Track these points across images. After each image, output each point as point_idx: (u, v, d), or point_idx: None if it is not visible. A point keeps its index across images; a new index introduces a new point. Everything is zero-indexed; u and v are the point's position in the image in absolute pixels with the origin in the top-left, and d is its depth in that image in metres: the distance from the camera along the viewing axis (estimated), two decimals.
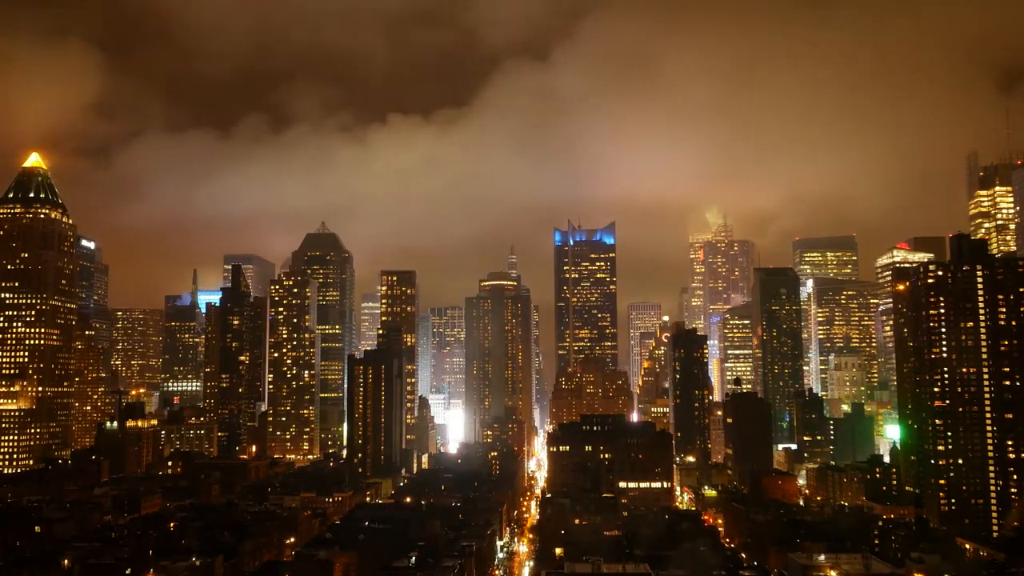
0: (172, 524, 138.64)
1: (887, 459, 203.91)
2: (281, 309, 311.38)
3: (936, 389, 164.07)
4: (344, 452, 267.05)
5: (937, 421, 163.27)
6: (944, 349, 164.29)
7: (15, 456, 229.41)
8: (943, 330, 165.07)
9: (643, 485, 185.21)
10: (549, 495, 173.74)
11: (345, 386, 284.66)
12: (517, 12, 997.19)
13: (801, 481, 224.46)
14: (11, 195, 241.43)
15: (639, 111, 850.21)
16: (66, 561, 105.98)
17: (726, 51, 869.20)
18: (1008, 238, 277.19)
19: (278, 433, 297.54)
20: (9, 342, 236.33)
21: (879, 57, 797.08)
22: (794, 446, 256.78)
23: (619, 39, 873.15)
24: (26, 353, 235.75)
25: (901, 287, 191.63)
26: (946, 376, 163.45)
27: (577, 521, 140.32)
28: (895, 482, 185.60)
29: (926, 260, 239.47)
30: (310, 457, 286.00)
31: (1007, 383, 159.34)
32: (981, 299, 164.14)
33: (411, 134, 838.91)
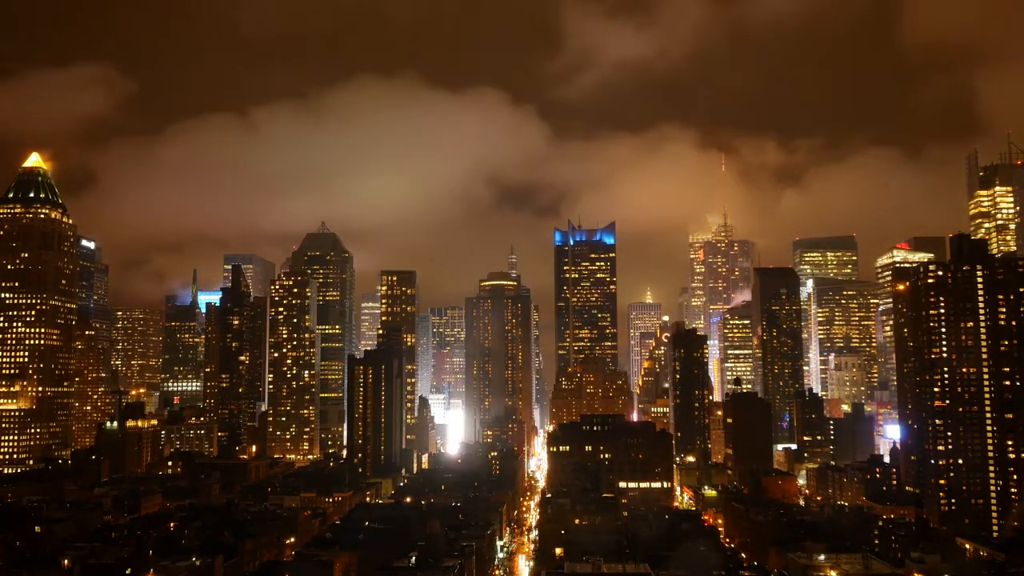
0: (172, 524, 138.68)
1: (887, 459, 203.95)
2: (281, 309, 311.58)
3: (936, 389, 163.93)
4: (344, 452, 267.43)
5: (937, 421, 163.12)
6: (944, 349, 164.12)
7: (15, 456, 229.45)
8: (943, 330, 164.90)
9: (643, 485, 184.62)
10: (549, 495, 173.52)
11: (345, 386, 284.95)
12: None
13: (801, 481, 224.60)
14: (11, 195, 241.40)
15: None
16: (66, 561, 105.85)
17: None
18: (1008, 238, 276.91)
19: (278, 433, 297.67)
20: (9, 342, 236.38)
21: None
22: (794, 446, 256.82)
23: None
24: (26, 353, 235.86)
25: (901, 287, 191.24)
26: (946, 376, 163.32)
27: (577, 521, 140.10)
28: (895, 482, 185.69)
29: (926, 260, 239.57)
30: (310, 457, 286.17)
31: (1007, 383, 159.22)
32: (981, 299, 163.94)
33: None
